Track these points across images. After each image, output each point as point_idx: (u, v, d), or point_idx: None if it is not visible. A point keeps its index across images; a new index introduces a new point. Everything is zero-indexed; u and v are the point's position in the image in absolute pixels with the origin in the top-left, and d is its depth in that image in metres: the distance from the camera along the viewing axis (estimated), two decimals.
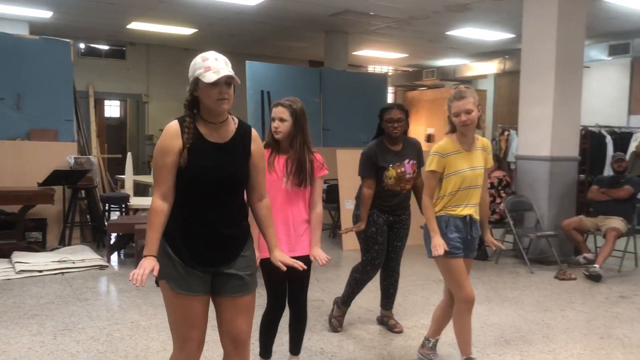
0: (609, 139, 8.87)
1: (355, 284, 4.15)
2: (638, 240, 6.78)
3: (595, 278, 5.86)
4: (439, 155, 3.22)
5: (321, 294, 5.12)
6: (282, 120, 3.08)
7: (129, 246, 6.68)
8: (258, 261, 2.82)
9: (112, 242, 6.58)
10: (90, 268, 5.92)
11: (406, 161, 3.95)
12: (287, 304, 3.25)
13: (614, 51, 10.79)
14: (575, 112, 6.86)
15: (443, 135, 3.33)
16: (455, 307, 3.31)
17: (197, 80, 2.27)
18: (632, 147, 9.02)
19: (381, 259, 4.04)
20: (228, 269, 2.36)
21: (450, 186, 3.21)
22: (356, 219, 4.05)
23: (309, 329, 4.01)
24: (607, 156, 8.47)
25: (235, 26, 10.49)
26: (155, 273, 2.25)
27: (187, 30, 10.93)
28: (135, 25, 10.51)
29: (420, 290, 5.37)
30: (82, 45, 12.20)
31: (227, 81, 2.25)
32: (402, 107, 3.99)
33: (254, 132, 2.45)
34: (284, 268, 2.53)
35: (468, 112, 3.13)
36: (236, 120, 2.42)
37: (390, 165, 3.92)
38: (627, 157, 7.56)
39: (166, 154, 2.27)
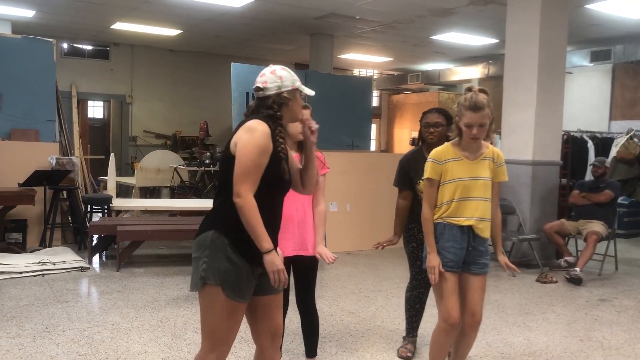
0: (590, 144, 8.99)
1: (408, 304, 3.87)
2: (618, 244, 6.88)
3: (576, 281, 5.92)
4: (435, 161, 2.97)
5: None
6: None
7: (111, 248, 6.63)
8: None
9: (93, 244, 6.52)
10: (71, 270, 5.85)
11: None
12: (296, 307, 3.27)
13: (595, 57, 10.93)
14: (557, 117, 6.93)
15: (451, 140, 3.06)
16: (436, 325, 3.05)
17: (296, 91, 2.45)
18: (613, 152, 9.15)
19: (425, 274, 3.65)
20: None
21: (446, 195, 2.95)
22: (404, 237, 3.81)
23: (292, 331, 4.01)
24: (589, 161, 8.58)
25: (221, 27, 10.47)
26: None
27: (172, 31, 10.89)
28: (119, 26, 10.45)
29: (402, 293, 5.37)
30: (65, 45, 12.09)
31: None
32: (443, 112, 3.63)
33: None
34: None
35: (482, 125, 2.84)
36: None
37: (422, 178, 3.40)
38: (609, 162, 7.66)
39: (265, 153, 2.29)
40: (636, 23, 9.13)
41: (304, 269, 3.13)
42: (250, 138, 2.26)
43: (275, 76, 2.41)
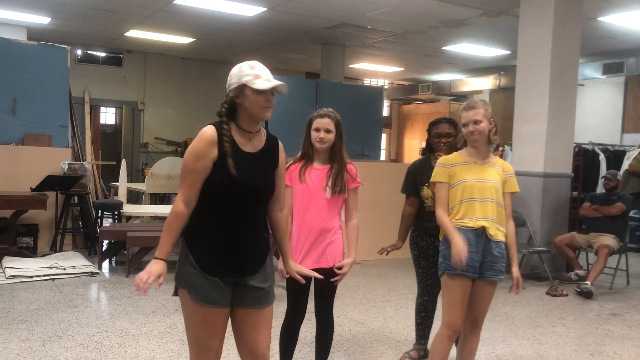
0: (602, 157, 8.93)
1: (416, 312, 3.90)
2: (630, 257, 6.81)
3: (586, 295, 5.87)
4: (442, 166, 3.10)
5: None
6: (328, 131, 3.08)
7: (121, 253, 6.66)
8: (284, 272, 2.79)
9: (103, 249, 6.55)
10: (81, 275, 5.88)
11: None
12: (310, 316, 3.24)
13: (608, 70, 10.89)
14: (569, 129, 6.90)
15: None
16: (439, 331, 3.09)
17: (243, 87, 2.24)
18: (625, 165, 9.08)
19: (427, 282, 3.79)
20: (250, 281, 2.35)
21: (457, 196, 3.04)
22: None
23: (300, 340, 4.00)
24: (600, 173, 8.52)
25: (233, 36, 10.54)
26: (162, 281, 2.22)
27: (185, 40, 10.97)
28: (132, 33, 10.54)
29: (411, 303, 5.34)
30: (79, 52, 12.21)
31: (272, 90, 2.26)
32: (453, 122, 3.69)
33: (280, 143, 2.47)
34: (303, 280, 2.64)
35: (476, 122, 2.99)
36: (264, 130, 2.42)
37: (426, 184, 3.59)
38: (620, 174, 7.60)
39: (200, 159, 2.22)
40: None
41: (325, 281, 3.11)
42: (192, 143, 2.28)
43: (229, 75, 2.30)
